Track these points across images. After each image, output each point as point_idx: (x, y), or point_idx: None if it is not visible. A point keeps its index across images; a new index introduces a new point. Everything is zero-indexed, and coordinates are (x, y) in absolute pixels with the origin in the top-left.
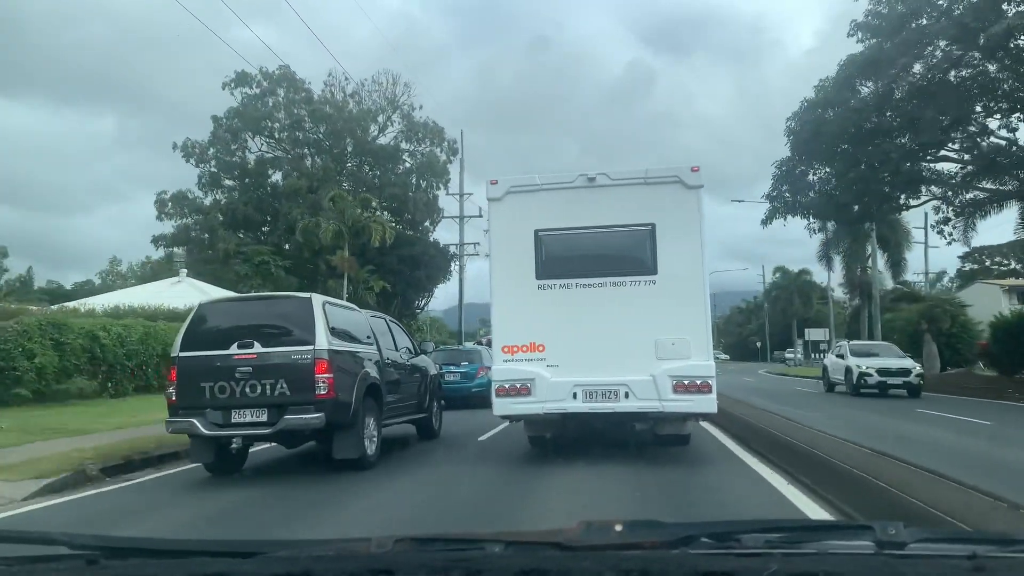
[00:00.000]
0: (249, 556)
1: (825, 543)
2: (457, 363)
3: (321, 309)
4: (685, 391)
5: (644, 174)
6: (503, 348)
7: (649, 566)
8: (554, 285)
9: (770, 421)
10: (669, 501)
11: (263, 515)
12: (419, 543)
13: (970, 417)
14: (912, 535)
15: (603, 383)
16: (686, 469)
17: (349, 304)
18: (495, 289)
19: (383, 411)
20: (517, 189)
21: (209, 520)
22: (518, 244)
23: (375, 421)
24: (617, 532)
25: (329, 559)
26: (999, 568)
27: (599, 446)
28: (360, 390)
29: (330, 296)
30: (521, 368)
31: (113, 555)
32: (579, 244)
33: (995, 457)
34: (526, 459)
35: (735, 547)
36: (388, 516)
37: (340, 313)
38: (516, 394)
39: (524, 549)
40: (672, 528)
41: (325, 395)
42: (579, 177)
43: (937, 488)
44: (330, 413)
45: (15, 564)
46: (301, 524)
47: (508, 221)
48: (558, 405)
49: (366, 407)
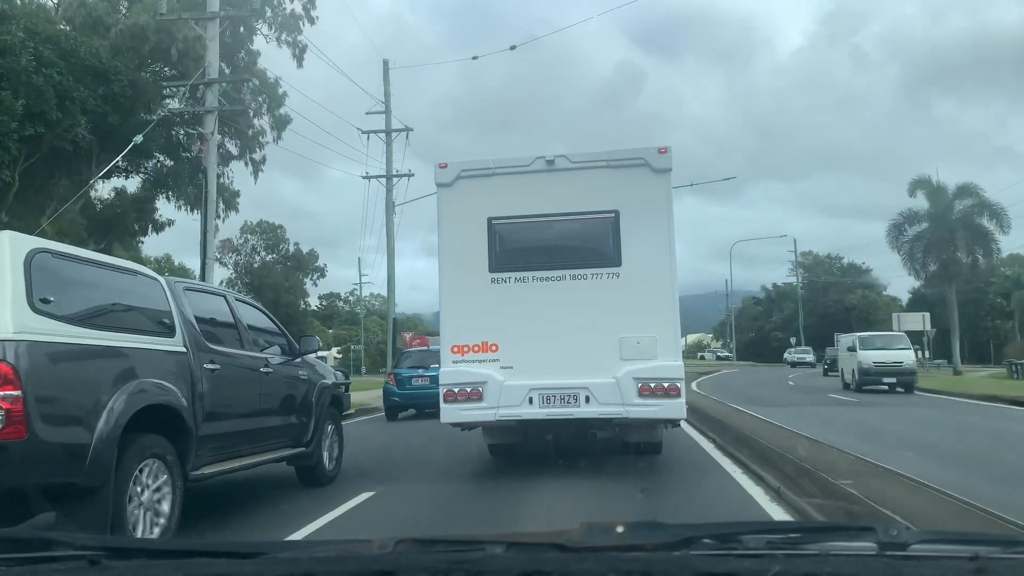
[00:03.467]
0: (250, 557)
1: (827, 544)
2: (426, 366)
3: (20, 262)
4: (651, 395)
5: (608, 157)
6: (452, 348)
7: (651, 567)
8: (509, 279)
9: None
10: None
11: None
12: (420, 544)
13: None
14: (914, 536)
15: (561, 386)
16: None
17: (117, 260)
18: (444, 283)
19: (191, 452)
20: (469, 173)
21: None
22: (469, 234)
23: (168, 476)
24: (618, 533)
25: (330, 560)
26: (1002, 570)
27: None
28: (115, 419)
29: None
30: (471, 370)
31: (115, 555)
32: (536, 233)
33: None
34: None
35: (737, 548)
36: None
37: (79, 273)
38: (466, 399)
39: (525, 550)
40: (674, 529)
41: (2, 434)
42: (537, 160)
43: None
44: (17, 471)
45: (16, 565)
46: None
47: (459, 208)
48: (512, 411)
49: (135, 451)
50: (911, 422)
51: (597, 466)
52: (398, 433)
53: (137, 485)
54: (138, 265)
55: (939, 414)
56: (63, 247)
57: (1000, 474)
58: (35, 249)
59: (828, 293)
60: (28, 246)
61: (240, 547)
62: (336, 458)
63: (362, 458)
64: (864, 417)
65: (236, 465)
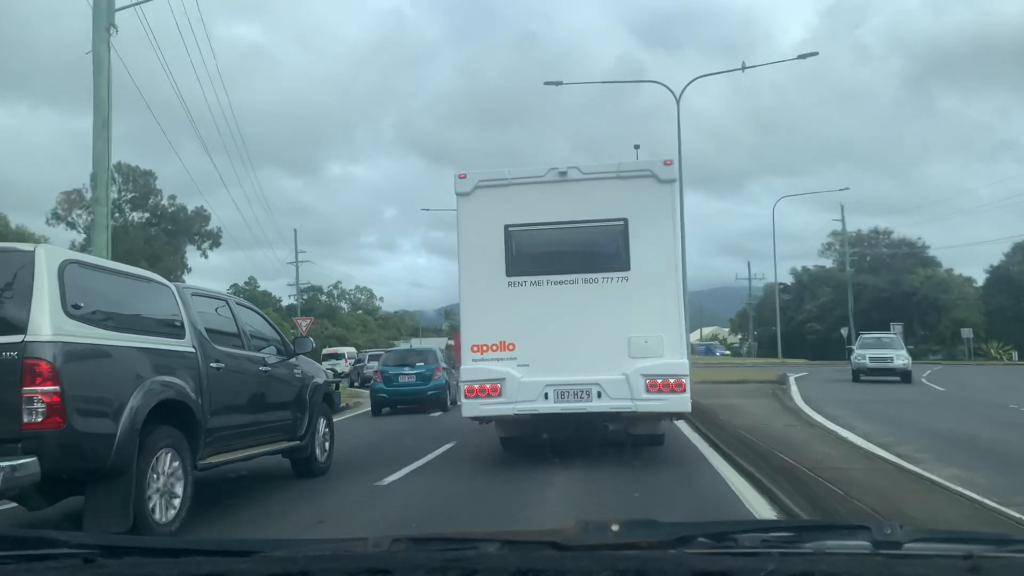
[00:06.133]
0: (246, 555)
1: (821, 543)
2: (411, 364)
3: (55, 271)
4: (659, 390)
5: (616, 168)
6: (472, 347)
7: (646, 566)
8: (525, 282)
9: None
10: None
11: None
12: (416, 543)
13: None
14: (908, 535)
15: (575, 382)
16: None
17: (133, 269)
18: (464, 286)
19: (200, 443)
20: (486, 183)
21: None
22: (487, 240)
23: (180, 464)
24: (614, 532)
25: (326, 558)
26: (995, 568)
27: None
28: (136, 412)
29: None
30: (491, 368)
31: (110, 554)
32: (550, 240)
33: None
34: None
35: (732, 547)
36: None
37: (103, 281)
38: (486, 395)
39: (521, 548)
40: (669, 528)
41: (43, 424)
42: (550, 171)
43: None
44: (56, 457)
45: (11, 563)
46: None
47: (477, 216)
48: (529, 406)
49: (153, 441)
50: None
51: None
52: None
53: (154, 472)
54: (151, 273)
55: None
56: (88, 258)
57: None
58: (66, 260)
59: (878, 274)
60: (60, 258)
61: (236, 545)
62: (328, 451)
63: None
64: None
65: (238, 456)
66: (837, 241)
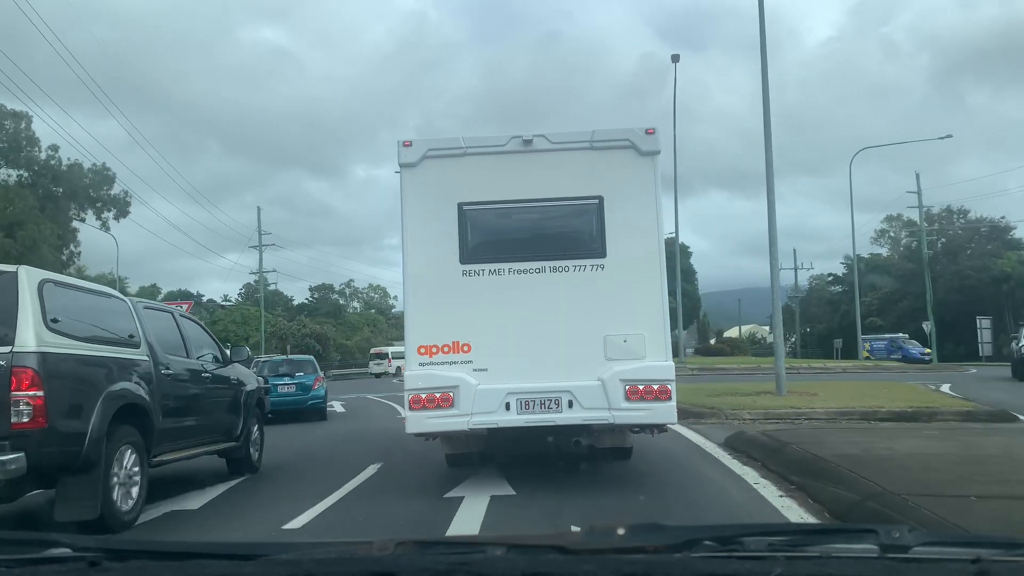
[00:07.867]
0: (251, 559)
1: (828, 546)
2: (291, 374)
3: (35, 290)
4: (640, 398)
5: (590, 137)
6: (418, 349)
7: (652, 570)
8: (482, 271)
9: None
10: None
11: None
12: (421, 546)
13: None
14: (916, 538)
15: (542, 390)
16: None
17: (96, 286)
18: (408, 275)
19: (153, 442)
20: (437, 153)
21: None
22: (438, 221)
23: (137, 458)
24: (619, 535)
25: (331, 562)
26: (1004, 572)
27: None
28: (103, 414)
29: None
30: (441, 373)
31: (115, 557)
32: (513, 221)
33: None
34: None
35: (738, 550)
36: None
37: (73, 297)
38: (435, 406)
39: (526, 552)
40: (675, 531)
41: (29, 424)
42: (512, 140)
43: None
44: (39, 452)
45: (16, 566)
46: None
47: (425, 192)
48: (488, 418)
49: (116, 439)
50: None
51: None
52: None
53: (118, 465)
54: (111, 289)
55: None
56: (62, 277)
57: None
58: (44, 279)
59: (958, 260)
60: (39, 277)
61: (240, 548)
62: (260, 451)
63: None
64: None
65: (184, 454)
66: (893, 227)
